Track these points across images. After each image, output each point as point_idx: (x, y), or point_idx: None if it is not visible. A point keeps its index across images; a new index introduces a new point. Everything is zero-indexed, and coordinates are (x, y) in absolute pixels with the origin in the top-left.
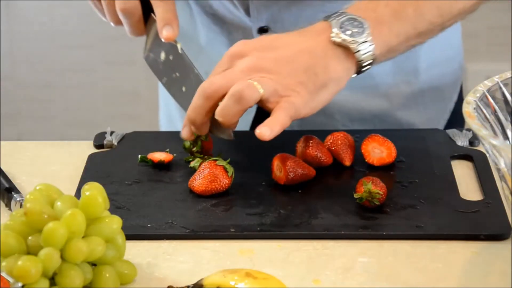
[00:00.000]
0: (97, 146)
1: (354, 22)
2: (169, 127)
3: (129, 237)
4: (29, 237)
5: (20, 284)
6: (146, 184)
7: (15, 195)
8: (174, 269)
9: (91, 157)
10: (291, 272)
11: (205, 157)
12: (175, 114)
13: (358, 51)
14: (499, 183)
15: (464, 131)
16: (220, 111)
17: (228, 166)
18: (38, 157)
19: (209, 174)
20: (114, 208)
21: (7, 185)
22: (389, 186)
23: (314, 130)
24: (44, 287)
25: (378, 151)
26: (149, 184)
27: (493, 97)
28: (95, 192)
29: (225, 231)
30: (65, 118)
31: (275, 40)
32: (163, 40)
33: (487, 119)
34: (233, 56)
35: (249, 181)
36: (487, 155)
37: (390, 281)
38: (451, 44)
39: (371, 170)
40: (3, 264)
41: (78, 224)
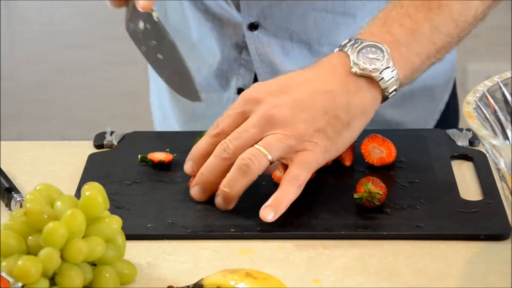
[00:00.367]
0: (97, 146)
1: (372, 49)
2: (164, 124)
3: (129, 237)
4: (29, 237)
5: (20, 284)
6: (146, 184)
7: (15, 195)
8: (174, 269)
9: (91, 157)
10: (291, 272)
11: None
12: (169, 110)
13: (382, 78)
14: (499, 183)
15: (464, 131)
16: (227, 183)
17: None
18: (38, 157)
19: None
20: (114, 208)
21: (7, 185)
22: (389, 186)
23: None
24: (44, 287)
25: (378, 151)
26: (149, 184)
27: (493, 97)
28: (95, 192)
29: (225, 231)
30: (65, 118)
31: (291, 79)
32: (139, 9)
33: (487, 119)
34: (247, 100)
35: None
36: (487, 155)
37: (390, 281)
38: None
39: (371, 170)
40: (3, 264)
41: (78, 224)
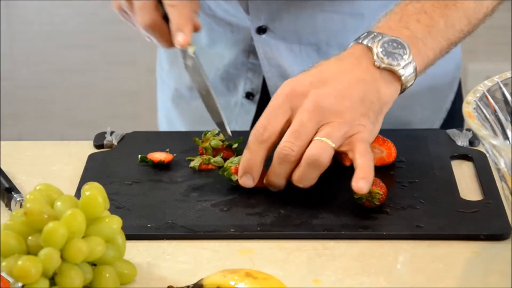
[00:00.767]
0: (97, 146)
1: (394, 43)
2: (168, 127)
3: (129, 237)
4: (29, 237)
5: (20, 284)
6: (146, 184)
7: (15, 195)
8: (174, 269)
9: (91, 157)
10: (291, 272)
11: (205, 157)
12: (173, 114)
13: (404, 73)
14: (499, 183)
15: (464, 131)
16: (299, 179)
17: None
18: (38, 157)
19: None
20: (114, 208)
21: (7, 185)
22: (389, 186)
23: None
24: (44, 287)
25: (378, 151)
26: (149, 184)
27: (493, 97)
28: (95, 192)
29: (225, 231)
30: (65, 118)
31: (321, 73)
32: (177, 46)
33: (487, 119)
34: (291, 96)
35: None
36: (487, 155)
37: (390, 281)
38: None
39: None
40: (3, 264)
41: (78, 224)
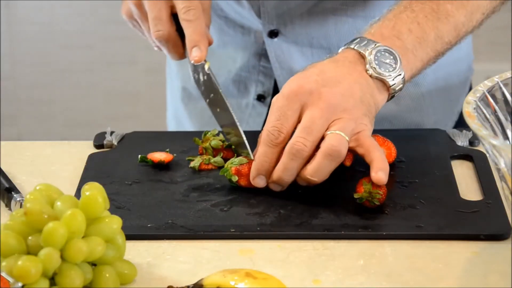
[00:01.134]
0: (97, 146)
1: (386, 54)
2: (177, 127)
3: (129, 237)
4: (29, 237)
5: (20, 284)
6: (146, 184)
7: (15, 195)
8: (174, 269)
9: (91, 157)
10: (291, 272)
11: (205, 157)
12: (182, 115)
13: (394, 84)
14: (499, 183)
15: (464, 131)
16: (315, 172)
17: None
18: (38, 157)
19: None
20: (114, 208)
21: (7, 185)
22: (389, 186)
23: None
24: (44, 287)
25: None
26: (149, 184)
27: (493, 97)
28: (95, 192)
29: (225, 231)
30: (65, 118)
31: (324, 72)
32: (192, 62)
33: (487, 119)
34: (299, 93)
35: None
36: (487, 155)
37: (390, 281)
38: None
39: None
40: (3, 264)
41: (78, 224)
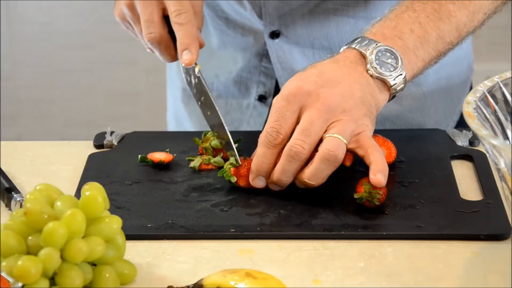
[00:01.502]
0: (97, 146)
1: (387, 54)
2: (177, 127)
3: (129, 237)
4: (29, 237)
5: (20, 284)
6: (146, 184)
7: (15, 195)
8: (174, 269)
9: (91, 157)
10: (291, 272)
11: (205, 157)
12: (183, 115)
13: (395, 84)
14: (499, 183)
15: (464, 131)
16: (313, 176)
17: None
18: (38, 157)
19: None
20: (114, 208)
21: (7, 185)
22: (389, 186)
23: None
24: (44, 287)
25: None
26: (149, 184)
27: (493, 97)
28: (95, 192)
29: (225, 231)
30: (65, 118)
31: (323, 73)
32: (182, 65)
33: (487, 119)
34: (298, 95)
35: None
36: (487, 155)
37: (390, 281)
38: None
39: None
40: (3, 264)
41: (78, 224)
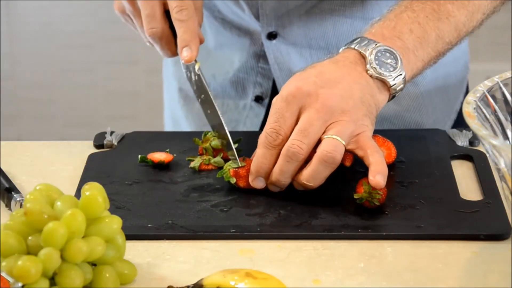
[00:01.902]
0: (97, 146)
1: (387, 54)
2: (174, 127)
3: (129, 237)
4: (29, 237)
5: (20, 284)
6: (146, 184)
7: (15, 195)
8: (174, 269)
9: (91, 157)
10: (291, 272)
11: (205, 158)
12: (179, 116)
13: (394, 84)
14: (499, 183)
15: (464, 131)
16: (311, 177)
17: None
18: (38, 157)
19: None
20: (114, 208)
21: (7, 185)
22: (389, 186)
23: None
24: (44, 287)
25: None
26: (149, 184)
27: (493, 97)
28: (95, 192)
29: (225, 231)
30: (65, 118)
31: (323, 73)
32: (182, 62)
33: (487, 119)
34: (297, 95)
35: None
36: (487, 155)
37: (390, 281)
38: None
39: None
40: (3, 264)
41: (78, 224)
